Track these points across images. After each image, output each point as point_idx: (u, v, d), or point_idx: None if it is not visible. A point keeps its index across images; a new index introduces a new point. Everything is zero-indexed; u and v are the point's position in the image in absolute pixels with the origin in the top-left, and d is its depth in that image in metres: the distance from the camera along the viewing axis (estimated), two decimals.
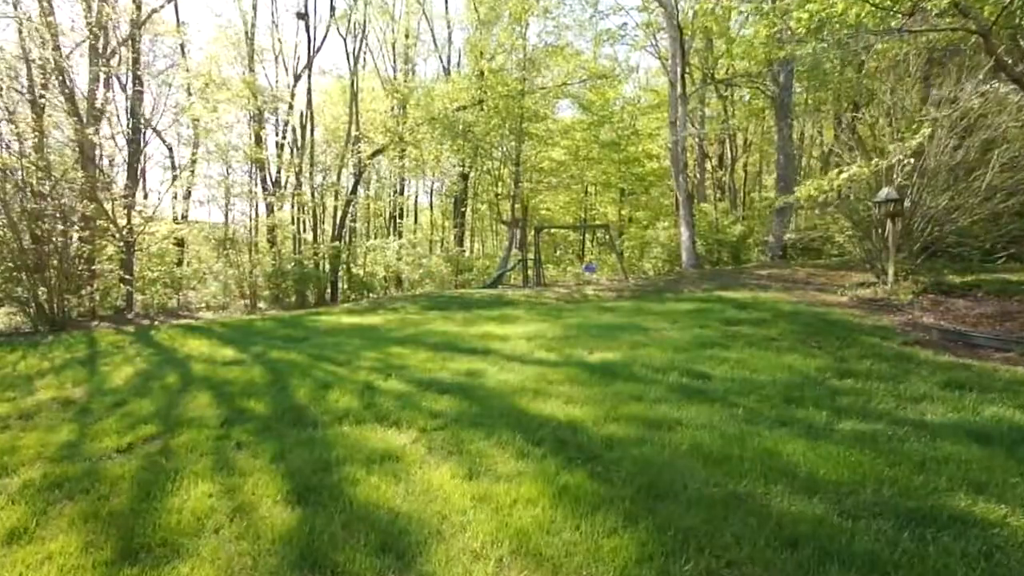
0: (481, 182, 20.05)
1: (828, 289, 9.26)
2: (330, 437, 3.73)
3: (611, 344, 5.90)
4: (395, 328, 8.17)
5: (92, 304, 14.55)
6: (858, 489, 2.60)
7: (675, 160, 14.27)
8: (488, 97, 14.94)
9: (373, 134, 17.91)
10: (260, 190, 18.64)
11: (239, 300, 14.27)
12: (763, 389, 4.08)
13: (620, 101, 21.47)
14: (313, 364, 5.96)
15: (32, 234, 13.04)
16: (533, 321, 7.79)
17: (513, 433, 3.54)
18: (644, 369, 4.82)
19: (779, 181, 12.73)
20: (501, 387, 4.58)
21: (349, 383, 5.00)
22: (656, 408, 3.81)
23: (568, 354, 5.65)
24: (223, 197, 17.43)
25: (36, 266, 11.71)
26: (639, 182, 21.94)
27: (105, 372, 6.67)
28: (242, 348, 7.25)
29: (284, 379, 5.36)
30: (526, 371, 5.06)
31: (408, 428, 3.83)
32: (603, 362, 5.18)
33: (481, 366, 5.34)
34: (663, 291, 10.76)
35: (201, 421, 4.29)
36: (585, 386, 4.49)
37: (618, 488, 2.71)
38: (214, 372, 5.97)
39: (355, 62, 17.80)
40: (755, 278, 10.96)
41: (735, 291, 9.56)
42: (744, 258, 15.50)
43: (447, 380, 4.90)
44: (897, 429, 3.28)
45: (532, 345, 6.09)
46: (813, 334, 5.76)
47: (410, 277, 18.01)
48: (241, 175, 19.81)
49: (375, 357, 6.05)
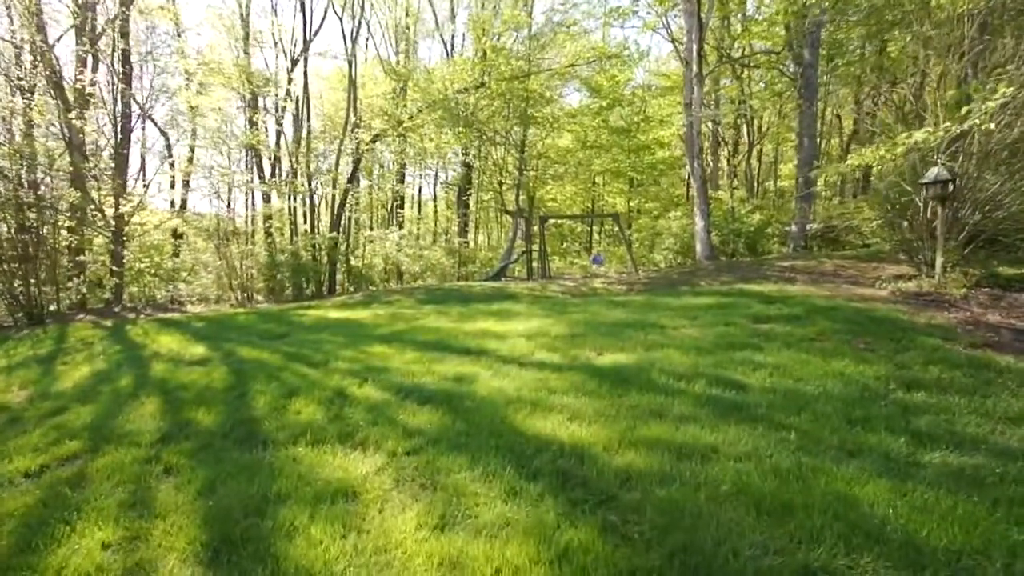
0: (485, 170, 19.23)
1: (862, 282, 8.41)
2: (279, 462, 3.02)
3: (623, 344, 5.14)
4: (384, 324, 7.46)
5: (80, 296, 14.01)
6: (983, 562, 1.84)
7: (690, 144, 13.37)
8: (491, 79, 14.08)
9: (372, 120, 17.14)
10: (256, 179, 17.98)
11: (235, 292, 13.64)
12: (815, 404, 3.30)
13: (631, 85, 20.49)
14: (285, 365, 5.26)
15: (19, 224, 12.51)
16: (535, 317, 7.05)
17: (503, 460, 2.81)
18: (663, 376, 4.06)
19: (802, 165, 11.81)
20: (494, 397, 3.85)
21: (318, 389, 4.30)
22: (683, 429, 3.06)
23: (573, 356, 4.90)
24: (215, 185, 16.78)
25: (11, 257, 11.12)
26: (650, 170, 20.98)
27: (60, 372, 6.03)
28: (214, 345, 6.58)
29: (247, 383, 4.67)
30: (524, 376, 4.32)
31: (376, 451, 3.11)
32: (614, 366, 4.43)
33: (473, 370, 4.61)
34: (677, 284, 9.96)
35: (136, 436, 3.61)
36: (593, 397, 3.74)
37: (641, 553, 1.97)
38: (173, 374, 5.30)
39: (353, 44, 17.02)
40: (777, 270, 10.12)
41: (758, 284, 8.73)
42: (762, 249, 14.59)
43: (431, 387, 4.18)
44: (1005, 464, 2.51)
45: (532, 345, 5.35)
46: (859, 334, 4.96)
47: (410, 269, 17.29)
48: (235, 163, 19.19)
49: (355, 357, 5.34)
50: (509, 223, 20.85)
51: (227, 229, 15.96)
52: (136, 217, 15.49)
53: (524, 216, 16.85)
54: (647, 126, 21.53)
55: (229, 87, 16.02)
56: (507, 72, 13.65)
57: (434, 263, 17.62)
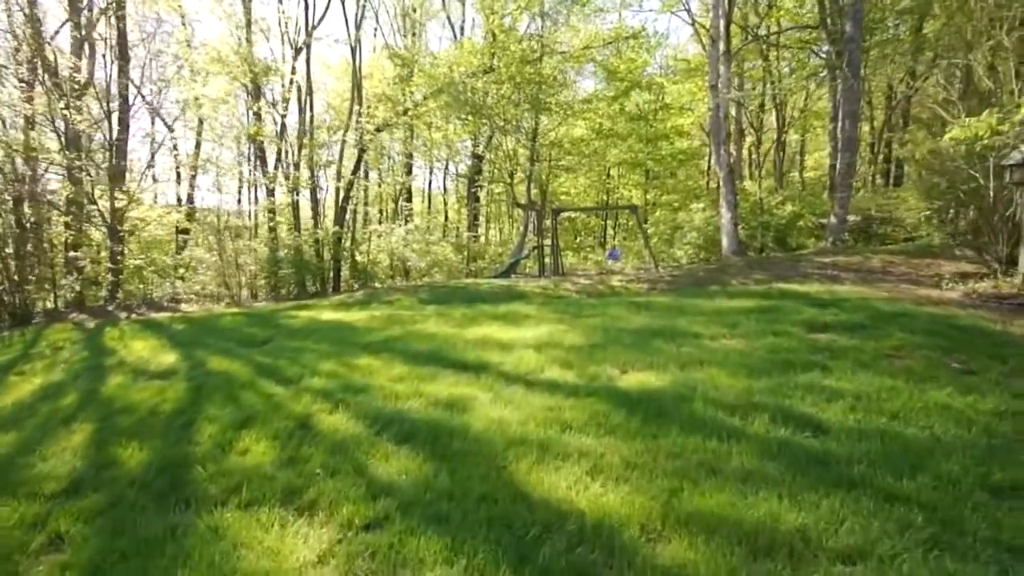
0: (495, 161, 18.35)
1: (921, 281, 7.37)
2: (193, 537, 2.23)
3: (651, 359, 4.26)
4: (378, 328, 6.67)
5: (76, 294, 13.54)
6: None
7: (715, 130, 12.31)
8: (501, 63, 13.16)
9: (377, 107, 16.33)
10: (260, 172, 17.35)
11: (232, 290, 13.02)
12: (931, 460, 2.40)
13: (648, 72, 19.36)
14: (252, 381, 4.49)
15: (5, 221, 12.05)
16: (546, 321, 6.19)
17: (497, 548, 1.97)
18: (710, 407, 3.18)
19: (843, 149, 10.69)
20: (491, 434, 3.01)
21: (279, 417, 3.51)
22: (752, 498, 2.18)
23: (592, 374, 4.04)
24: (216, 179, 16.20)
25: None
26: (669, 160, 19.88)
27: (10, 385, 5.36)
28: (186, 353, 5.86)
29: (201, 405, 3.90)
30: (531, 403, 3.48)
31: (326, 520, 2.30)
32: (644, 390, 3.55)
33: (469, 392, 3.77)
34: (705, 283, 9.00)
35: (40, 483, 2.85)
36: (620, 436, 2.88)
37: None
38: (126, 391, 4.58)
39: (357, 29, 16.22)
40: (817, 267, 9.09)
41: (799, 283, 7.74)
42: (792, 243, 13.47)
43: (415, 416, 3.36)
44: None
45: (542, 358, 4.49)
46: (949, 349, 4.00)
47: (417, 266, 16.52)
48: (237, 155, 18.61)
49: (334, 372, 4.55)
50: (520, 217, 19.96)
51: (226, 224, 15.32)
52: (135, 212, 15.03)
53: (536, 209, 15.95)
54: (665, 114, 20.40)
55: (226, 73, 15.33)
56: (517, 53, 12.70)
57: (442, 259, 16.82)
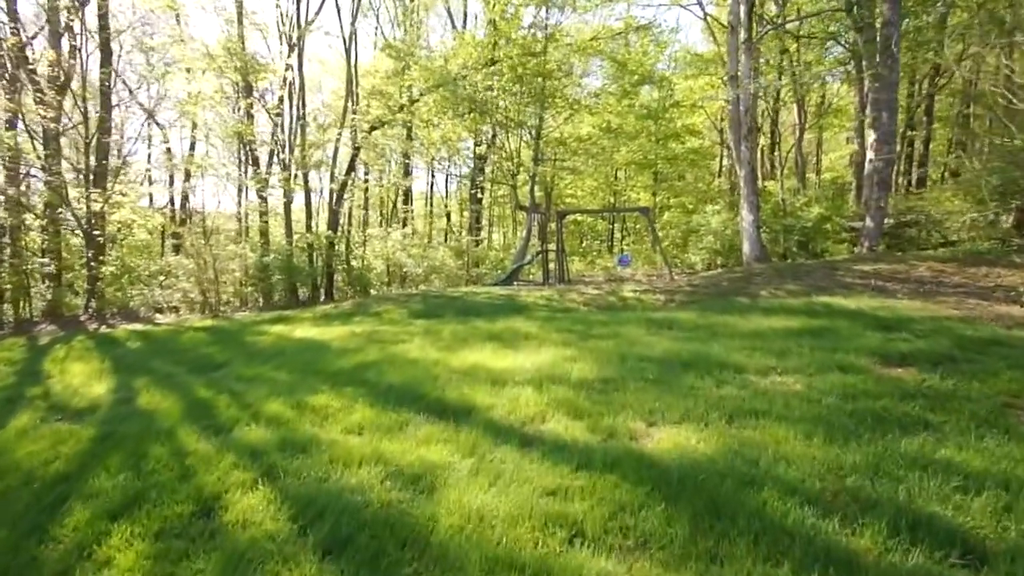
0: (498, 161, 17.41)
1: (987, 295, 6.32)
2: None
3: (685, 405, 3.26)
4: (353, 349, 5.71)
5: (50, 303, 12.73)
6: None
7: (735, 124, 11.29)
8: (503, 53, 12.23)
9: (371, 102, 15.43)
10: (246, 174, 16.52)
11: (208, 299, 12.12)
12: None
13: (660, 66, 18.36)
14: (174, 428, 3.52)
15: None
16: (549, 343, 5.20)
17: None
18: (786, 498, 2.17)
19: (879, 145, 9.61)
20: (463, 543, 2.02)
21: (179, 497, 2.53)
22: None
23: (609, 428, 3.04)
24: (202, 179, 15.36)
25: None
26: (680, 161, 18.83)
27: None
28: (123, 382, 4.95)
29: (92, 470, 2.95)
30: (527, 478, 2.48)
31: None
32: (684, 462, 2.55)
33: (443, 455, 2.79)
34: (729, 294, 7.98)
35: None
36: (661, 559, 1.88)
37: None
38: (19, 440, 3.63)
39: (353, 18, 15.39)
40: (858, 276, 8.04)
41: (843, 296, 6.70)
42: (818, 248, 12.39)
43: (363, 500, 2.37)
44: None
45: (543, 400, 3.50)
46: None
47: (414, 272, 15.57)
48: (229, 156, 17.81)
49: (280, 416, 3.58)
50: (524, 220, 18.99)
51: (215, 228, 14.48)
52: (116, 215, 14.23)
53: (540, 212, 14.97)
54: (676, 112, 19.39)
55: (212, 68, 14.51)
56: (519, 42, 11.76)
57: (440, 265, 15.87)
